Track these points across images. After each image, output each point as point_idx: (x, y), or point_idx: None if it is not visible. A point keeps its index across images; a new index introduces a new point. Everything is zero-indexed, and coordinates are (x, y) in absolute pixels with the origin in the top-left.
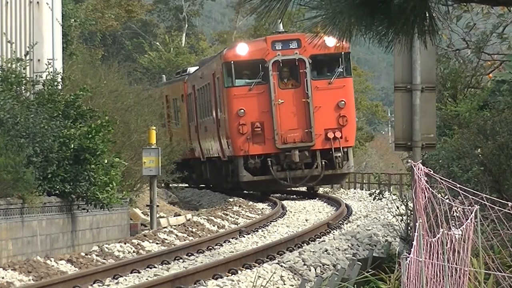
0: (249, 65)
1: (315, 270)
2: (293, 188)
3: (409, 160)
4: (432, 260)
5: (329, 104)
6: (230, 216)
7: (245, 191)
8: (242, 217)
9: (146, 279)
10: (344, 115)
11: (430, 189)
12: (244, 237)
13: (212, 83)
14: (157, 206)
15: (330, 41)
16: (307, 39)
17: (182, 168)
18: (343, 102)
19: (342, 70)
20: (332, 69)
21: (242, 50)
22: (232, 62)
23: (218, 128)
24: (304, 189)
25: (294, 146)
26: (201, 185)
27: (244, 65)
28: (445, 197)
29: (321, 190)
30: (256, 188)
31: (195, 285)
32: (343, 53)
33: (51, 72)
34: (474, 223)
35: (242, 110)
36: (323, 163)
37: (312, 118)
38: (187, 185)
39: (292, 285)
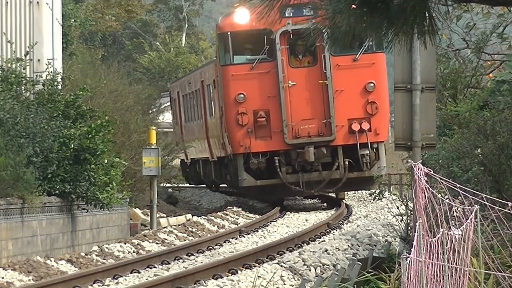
0: (250, 36)
1: (315, 270)
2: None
3: (409, 160)
4: (432, 260)
5: (354, 87)
6: (230, 216)
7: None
8: (242, 217)
9: (146, 279)
10: (374, 101)
11: (430, 189)
12: (244, 237)
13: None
14: (157, 206)
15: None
16: None
17: (219, 168)
18: (372, 85)
19: (371, 43)
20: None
21: (242, 17)
22: (228, 33)
23: (221, 118)
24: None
25: (308, 141)
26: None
27: (244, 37)
28: (445, 197)
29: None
30: (260, 195)
31: (195, 285)
32: None
33: (51, 72)
34: (474, 223)
35: (242, 95)
36: (346, 163)
37: (332, 105)
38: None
39: (292, 285)
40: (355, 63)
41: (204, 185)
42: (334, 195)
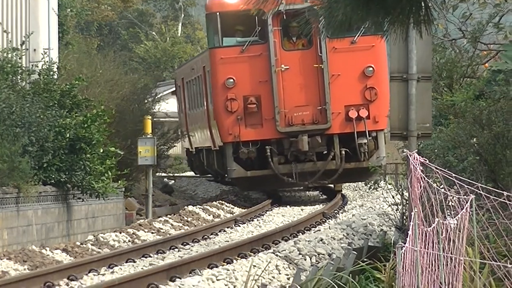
0: (241, 17)
1: (310, 259)
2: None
3: (405, 150)
4: (427, 249)
5: (351, 72)
6: (226, 206)
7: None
8: (237, 207)
9: (142, 268)
10: (373, 87)
11: (426, 178)
12: (239, 226)
13: None
14: (153, 195)
15: None
16: None
17: (221, 158)
18: (371, 69)
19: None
20: None
21: None
22: (217, 13)
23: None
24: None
25: (302, 129)
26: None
27: (234, 18)
28: (441, 187)
29: None
30: (250, 187)
31: (190, 274)
32: None
33: (47, 61)
34: (469, 213)
35: (232, 80)
36: (343, 152)
37: (328, 90)
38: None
39: (287, 274)
40: (353, 46)
41: (210, 175)
42: (332, 186)
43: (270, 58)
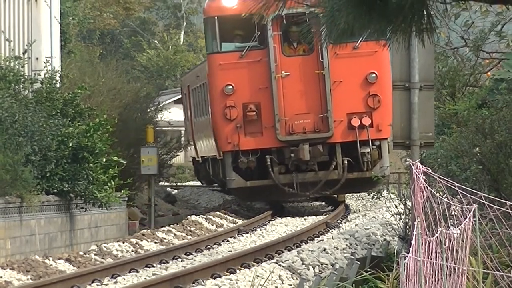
0: (240, 21)
1: (314, 269)
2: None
3: (408, 159)
4: (431, 259)
5: (354, 78)
6: (229, 215)
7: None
8: (240, 216)
9: (145, 278)
10: (376, 94)
11: (429, 188)
12: (242, 236)
13: None
14: (156, 205)
15: None
16: None
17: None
18: (374, 75)
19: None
20: None
21: (230, 0)
22: (215, 17)
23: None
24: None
25: (303, 138)
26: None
27: (233, 22)
28: (444, 196)
29: None
30: (250, 198)
31: (193, 284)
32: None
33: (50, 70)
34: (472, 222)
35: (230, 87)
36: (345, 162)
37: (330, 98)
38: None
39: (291, 285)
40: (355, 52)
41: (216, 185)
42: (335, 196)
43: (270, 64)
